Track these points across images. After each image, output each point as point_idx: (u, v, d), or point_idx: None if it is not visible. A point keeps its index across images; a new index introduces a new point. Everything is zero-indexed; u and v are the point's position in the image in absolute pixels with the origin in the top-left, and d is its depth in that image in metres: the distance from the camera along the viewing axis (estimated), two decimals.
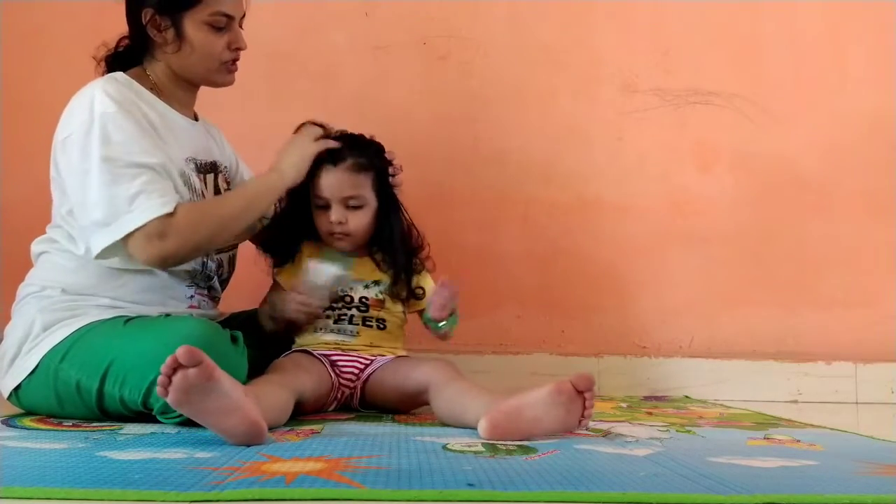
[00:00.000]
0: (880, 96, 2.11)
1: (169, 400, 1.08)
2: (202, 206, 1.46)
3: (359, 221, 1.55)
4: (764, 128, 2.11)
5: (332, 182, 1.53)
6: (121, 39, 1.52)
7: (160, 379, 1.07)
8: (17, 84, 2.01)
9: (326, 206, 1.55)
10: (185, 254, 1.41)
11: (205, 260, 1.53)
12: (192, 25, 1.46)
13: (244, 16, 1.54)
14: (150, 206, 1.35)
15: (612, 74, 2.12)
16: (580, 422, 1.20)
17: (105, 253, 1.38)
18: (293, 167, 1.52)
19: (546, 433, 1.20)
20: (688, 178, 2.11)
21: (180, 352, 1.06)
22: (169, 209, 1.36)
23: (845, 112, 2.12)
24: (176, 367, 1.06)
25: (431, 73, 2.10)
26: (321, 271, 1.49)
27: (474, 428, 1.23)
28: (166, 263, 1.41)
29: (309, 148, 1.54)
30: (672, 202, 2.11)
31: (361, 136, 1.60)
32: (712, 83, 2.12)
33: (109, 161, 1.36)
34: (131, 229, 1.35)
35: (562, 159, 2.11)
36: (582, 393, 1.18)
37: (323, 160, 1.53)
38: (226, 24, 1.48)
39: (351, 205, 1.54)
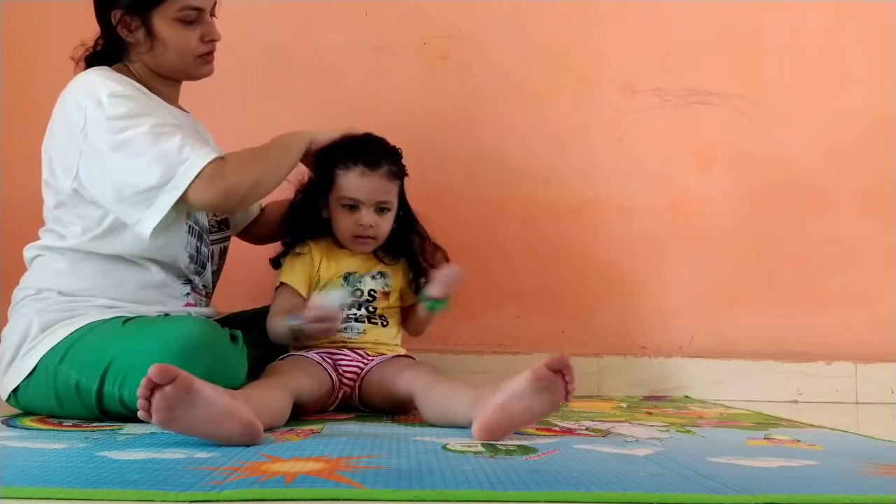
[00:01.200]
0: (880, 96, 2.11)
1: (154, 421, 1.06)
2: (245, 153, 1.48)
3: (386, 225, 1.59)
4: (764, 128, 2.11)
5: (368, 186, 1.54)
6: (98, 38, 1.52)
7: (140, 403, 1.05)
8: (17, 84, 2.01)
9: (355, 208, 1.56)
10: (245, 191, 1.42)
11: (199, 245, 1.53)
12: (162, 23, 1.44)
13: (216, 5, 1.52)
14: (201, 154, 1.37)
15: (612, 74, 2.12)
16: (566, 397, 1.19)
17: (164, 224, 1.38)
18: (310, 132, 1.56)
19: (539, 417, 1.23)
20: (688, 178, 2.11)
21: (152, 371, 1.04)
22: (218, 153, 1.39)
23: (845, 112, 2.12)
24: (153, 388, 1.04)
25: (431, 73, 2.10)
26: (328, 298, 1.45)
27: (464, 426, 1.24)
28: (231, 199, 1.41)
29: (331, 133, 1.59)
30: (672, 202, 2.11)
31: (386, 142, 1.62)
32: (712, 83, 2.12)
33: (141, 126, 1.36)
34: (193, 175, 1.35)
35: (562, 159, 2.11)
36: (560, 371, 1.18)
37: (357, 163, 1.54)
38: (196, 17, 1.46)
39: (381, 209, 1.57)
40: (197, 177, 1.35)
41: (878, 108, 2.11)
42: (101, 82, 1.40)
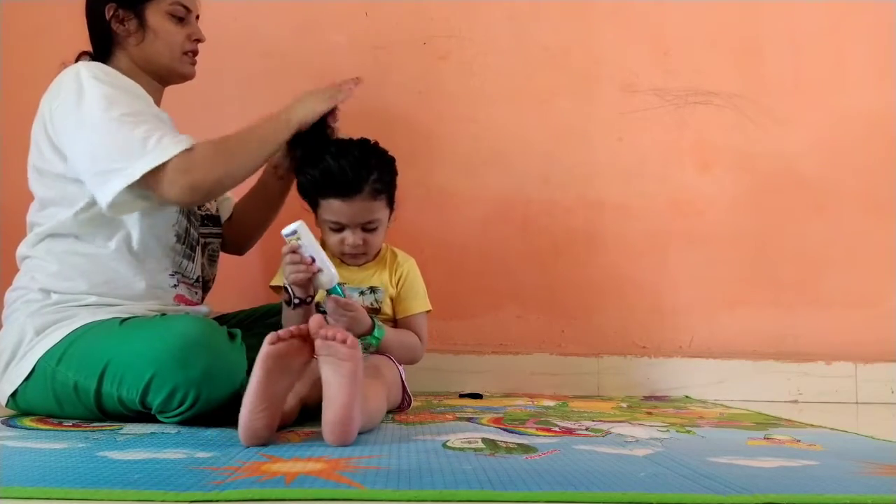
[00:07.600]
0: (880, 96, 2.12)
1: (265, 346, 1.11)
2: (218, 143, 1.44)
3: (375, 240, 1.55)
4: (764, 128, 2.12)
5: (350, 212, 1.49)
6: (80, 55, 1.55)
7: (283, 332, 1.11)
8: (17, 84, 2.01)
9: (340, 230, 1.52)
10: (210, 186, 1.41)
11: (188, 226, 1.55)
12: (154, 15, 1.52)
13: (198, 17, 1.59)
14: (168, 144, 1.37)
15: (612, 74, 2.12)
16: (346, 343, 1.12)
17: (119, 201, 1.38)
18: (298, 117, 1.49)
19: (352, 386, 1.12)
20: (688, 178, 2.11)
21: (313, 319, 1.11)
22: (187, 145, 1.38)
23: (845, 112, 2.12)
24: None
25: (431, 73, 2.10)
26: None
27: None
28: (195, 194, 1.41)
29: (321, 105, 1.51)
30: (672, 202, 2.11)
31: (374, 149, 1.55)
32: (712, 83, 2.12)
33: (112, 110, 1.38)
34: (152, 167, 1.35)
35: (562, 160, 2.11)
36: (315, 336, 1.12)
37: (337, 194, 1.48)
38: (185, 14, 1.55)
39: (368, 228, 1.53)
40: (162, 166, 1.35)
41: (879, 108, 2.11)
42: (86, 72, 1.43)
